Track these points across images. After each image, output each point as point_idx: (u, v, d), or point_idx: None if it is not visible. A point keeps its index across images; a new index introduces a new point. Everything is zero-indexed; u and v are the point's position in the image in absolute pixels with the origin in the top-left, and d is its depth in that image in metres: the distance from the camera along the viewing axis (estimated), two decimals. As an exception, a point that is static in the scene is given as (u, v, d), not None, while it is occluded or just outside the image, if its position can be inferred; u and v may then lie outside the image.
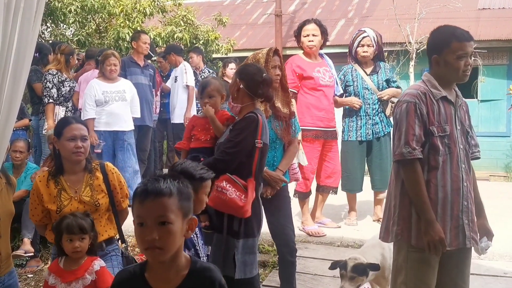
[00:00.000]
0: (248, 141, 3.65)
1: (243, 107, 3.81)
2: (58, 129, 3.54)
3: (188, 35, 11.76)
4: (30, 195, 3.54)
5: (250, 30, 15.59)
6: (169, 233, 1.94)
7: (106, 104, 6.77)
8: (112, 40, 11.27)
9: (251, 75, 3.79)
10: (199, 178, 3.21)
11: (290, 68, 5.91)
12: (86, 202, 3.48)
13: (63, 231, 3.22)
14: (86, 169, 3.56)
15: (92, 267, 3.26)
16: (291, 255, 4.37)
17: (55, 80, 6.97)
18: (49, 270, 3.30)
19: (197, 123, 4.07)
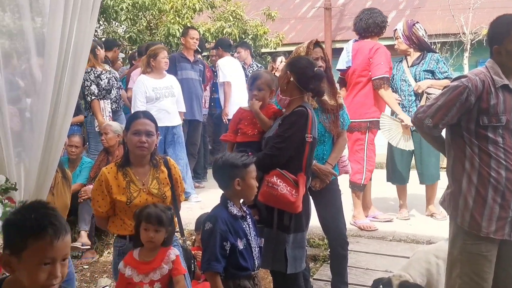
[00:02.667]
0: (298, 136, 3.62)
1: (292, 100, 3.77)
2: (127, 122, 3.65)
3: (237, 30, 11.80)
4: (96, 186, 3.59)
5: (299, 24, 15.52)
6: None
7: (157, 100, 6.83)
8: (163, 36, 11.43)
9: (302, 68, 3.74)
10: (242, 165, 3.25)
11: (387, 56, 5.93)
12: (154, 194, 3.55)
13: (142, 219, 3.29)
14: (151, 163, 3.62)
15: (168, 256, 3.33)
16: (343, 248, 4.34)
17: (91, 76, 7.03)
18: (124, 263, 3.35)
19: (243, 116, 4.03)
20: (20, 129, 3.02)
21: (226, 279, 3.19)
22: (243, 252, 3.21)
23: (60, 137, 2.95)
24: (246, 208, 3.43)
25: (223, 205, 3.30)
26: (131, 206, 3.50)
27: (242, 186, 3.26)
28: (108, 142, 6.11)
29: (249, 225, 3.34)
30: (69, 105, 2.94)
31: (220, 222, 3.17)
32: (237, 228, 3.23)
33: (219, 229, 3.15)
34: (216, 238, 3.13)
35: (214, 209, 3.33)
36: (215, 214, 3.25)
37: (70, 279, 3.67)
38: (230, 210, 3.26)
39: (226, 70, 8.26)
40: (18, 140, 2.98)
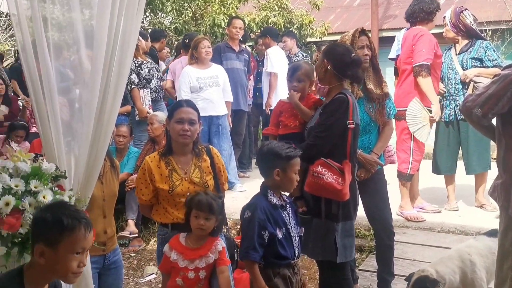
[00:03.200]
0: (340, 123, 3.59)
1: (331, 88, 3.73)
2: (170, 111, 3.70)
3: (282, 20, 11.74)
4: (139, 175, 3.67)
5: (345, 13, 15.32)
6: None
7: (201, 90, 6.86)
8: (208, 26, 11.49)
9: (339, 55, 3.71)
10: (286, 156, 3.24)
11: (430, 43, 5.76)
12: (196, 183, 3.59)
13: (193, 207, 3.33)
14: (194, 151, 3.66)
15: (215, 247, 3.36)
16: (389, 239, 4.29)
17: (132, 66, 7.11)
18: (170, 246, 3.42)
19: (284, 109, 4.00)
20: (69, 119, 3.08)
21: (265, 268, 3.21)
22: (282, 241, 3.22)
23: (108, 126, 2.98)
24: (287, 197, 3.43)
25: (262, 194, 3.31)
26: (173, 194, 3.56)
27: (282, 177, 3.26)
28: (154, 132, 6.19)
29: (289, 214, 3.33)
30: (117, 95, 2.98)
31: (259, 211, 3.18)
32: (276, 217, 3.24)
33: (258, 218, 3.16)
34: (254, 227, 3.15)
35: (254, 198, 3.34)
36: (254, 203, 3.26)
37: (118, 266, 3.74)
38: (270, 199, 3.27)
39: (274, 60, 8.21)
40: (68, 129, 3.04)
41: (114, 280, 3.71)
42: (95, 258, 3.38)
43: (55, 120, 2.94)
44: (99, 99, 2.92)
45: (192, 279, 3.32)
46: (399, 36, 6.21)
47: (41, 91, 2.94)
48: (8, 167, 2.74)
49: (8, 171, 2.74)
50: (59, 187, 2.86)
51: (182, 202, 3.55)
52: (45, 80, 2.92)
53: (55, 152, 2.97)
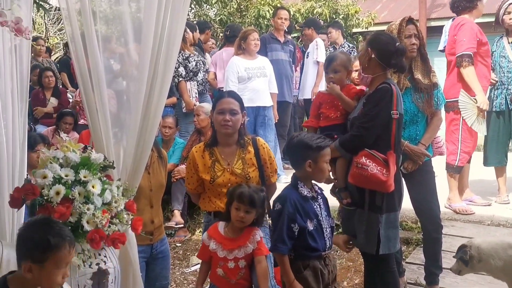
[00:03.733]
0: (384, 113, 3.51)
1: (374, 77, 3.65)
2: (214, 102, 3.75)
3: (328, 10, 11.65)
4: (187, 164, 3.77)
5: (392, 2, 15.04)
6: None
7: (248, 80, 6.84)
8: (253, 18, 11.50)
9: (383, 44, 3.63)
10: (316, 147, 3.20)
11: (472, 31, 5.59)
12: (237, 174, 3.62)
13: (234, 198, 3.35)
14: (238, 142, 3.69)
15: (254, 237, 3.38)
16: (437, 232, 4.20)
17: (179, 59, 7.14)
18: (208, 235, 3.46)
19: (324, 100, 3.93)
20: (117, 110, 3.13)
21: (295, 259, 3.19)
22: (313, 233, 3.19)
23: (155, 117, 3.02)
24: (318, 188, 3.40)
25: (293, 185, 3.28)
26: (214, 184, 3.62)
27: (314, 168, 3.22)
28: (200, 123, 6.24)
29: (320, 205, 3.30)
30: (164, 87, 3.01)
31: (289, 203, 3.15)
32: (307, 209, 3.20)
33: (287, 211, 3.14)
34: (284, 220, 3.13)
35: (285, 190, 3.31)
36: (284, 195, 3.23)
37: (165, 256, 3.81)
38: (301, 191, 3.23)
39: (323, 49, 8.15)
40: (116, 121, 3.09)
41: (161, 270, 3.78)
42: (142, 247, 3.44)
43: (103, 111, 3.00)
44: (146, 90, 2.96)
45: (232, 268, 3.35)
46: (446, 27, 6.06)
47: (90, 83, 3.00)
48: (59, 157, 2.81)
49: (59, 161, 2.80)
50: (107, 177, 2.92)
51: (223, 192, 3.59)
52: (94, 72, 2.98)
53: (104, 143, 3.04)
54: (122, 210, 2.91)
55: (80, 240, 2.73)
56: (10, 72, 3.24)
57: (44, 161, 2.81)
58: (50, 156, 2.78)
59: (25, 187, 2.68)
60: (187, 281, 5.34)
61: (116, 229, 2.83)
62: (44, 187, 2.68)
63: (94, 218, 2.72)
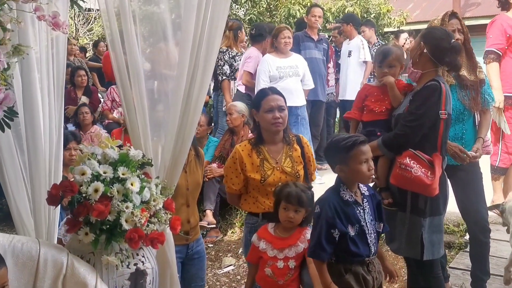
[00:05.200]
0: (431, 113, 3.35)
1: (424, 73, 3.49)
2: (256, 101, 3.60)
3: (359, 9, 11.47)
4: (229, 164, 3.59)
5: (424, 1, 14.83)
6: None
7: (280, 79, 6.68)
8: (283, 17, 11.38)
9: (437, 39, 3.45)
10: (343, 148, 2.98)
11: (500, 27, 5.40)
12: (288, 172, 3.50)
13: (282, 199, 3.24)
14: (284, 140, 3.57)
15: (304, 236, 3.26)
16: (484, 235, 4.01)
17: (226, 57, 7.09)
18: (258, 235, 3.35)
19: (370, 93, 3.77)
20: (155, 107, 3.05)
21: (337, 263, 3.02)
22: (354, 238, 2.98)
23: (195, 115, 2.93)
24: (368, 189, 3.19)
25: (335, 188, 3.09)
26: (265, 184, 3.48)
27: (346, 172, 3.01)
28: (232, 122, 6.14)
29: (364, 209, 3.08)
30: (203, 84, 2.91)
31: (328, 207, 2.96)
32: (348, 214, 3.00)
33: (326, 216, 2.95)
34: (322, 224, 2.95)
35: (327, 192, 3.13)
36: (325, 198, 3.05)
37: (201, 256, 3.71)
38: (342, 194, 3.03)
39: (368, 49, 7.97)
40: (154, 118, 3.01)
41: (197, 270, 3.69)
42: (178, 247, 3.35)
43: (141, 108, 2.92)
44: (186, 88, 2.88)
45: (282, 268, 3.23)
46: None
47: (128, 80, 2.92)
48: (97, 153, 2.72)
49: (97, 157, 2.72)
50: (145, 175, 2.83)
51: (273, 192, 3.46)
52: (132, 69, 2.90)
53: (141, 140, 2.95)
54: (161, 209, 2.81)
55: (119, 239, 2.64)
56: (46, 69, 3.18)
57: (82, 158, 2.73)
58: (89, 152, 2.70)
59: (63, 183, 2.60)
60: (219, 282, 5.26)
61: (154, 229, 2.74)
62: (82, 184, 2.60)
63: (133, 216, 2.63)
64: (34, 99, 2.87)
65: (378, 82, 3.78)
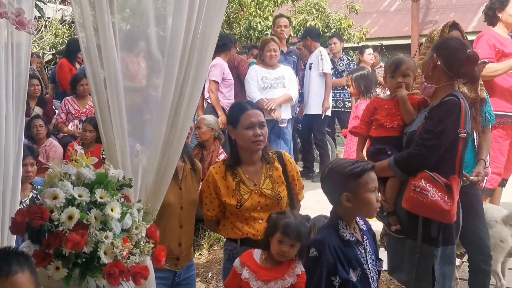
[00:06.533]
0: (450, 131, 3.10)
1: (439, 88, 3.23)
2: (233, 116, 3.22)
3: (321, 23, 11.36)
4: (203, 187, 3.25)
5: (381, 18, 14.92)
6: None
7: (264, 90, 6.47)
8: (243, 29, 11.14)
9: (452, 50, 3.20)
10: (351, 175, 2.61)
11: (487, 42, 5.23)
12: (267, 195, 3.15)
13: (278, 229, 2.86)
14: (263, 159, 3.22)
15: (293, 270, 2.90)
16: (486, 263, 3.77)
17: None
18: (242, 261, 2.98)
19: (380, 105, 3.50)
20: (136, 119, 2.69)
21: None
22: (356, 285, 2.62)
23: (183, 130, 2.57)
24: (364, 222, 2.84)
25: (333, 226, 2.70)
26: (242, 209, 3.14)
27: (354, 202, 2.62)
28: (201, 136, 5.77)
29: (366, 249, 2.74)
30: (193, 95, 2.56)
31: (328, 251, 2.57)
32: (349, 257, 2.63)
33: (326, 261, 2.56)
34: (322, 272, 2.56)
35: (323, 231, 2.75)
36: (322, 240, 2.65)
37: (190, 284, 3.36)
38: (342, 233, 2.65)
39: (328, 60, 7.76)
40: (134, 130, 2.66)
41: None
42: (164, 273, 2.97)
43: (119, 121, 2.55)
44: (174, 99, 2.53)
45: None
46: None
47: (104, 88, 2.56)
48: (70, 173, 2.33)
49: (71, 178, 2.33)
50: (125, 198, 2.45)
51: (252, 217, 3.14)
52: (109, 75, 2.53)
53: (119, 157, 2.58)
54: (143, 237, 2.44)
55: (96, 274, 2.25)
56: (5, 73, 2.80)
57: (52, 178, 2.33)
58: (61, 172, 2.30)
59: (31, 209, 2.19)
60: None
61: (136, 261, 2.36)
62: (53, 210, 2.21)
63: (113, 248, 2.25)
64: None
65: (389, 95, 3.50)
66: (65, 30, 13.56)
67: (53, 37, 13.53)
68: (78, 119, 6.91)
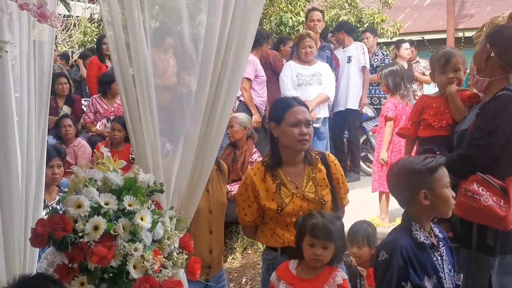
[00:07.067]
0: (504, 129, 2.83)
1: (492, 82, 2.96)
2: (277, 112, 2.98)
3: (354, 18, 11.06)
4: (241, 190, 3.02)
5: (415, 12, 14.53)
6: None
7: (299, 87, 6.27)
8: (274, 25, 10.91)
9: (507, 39, 2.92)
10: (426, 170, 2.41)
11: None
12: (310, 199, 2.91)
13: (306, 232, 2.66)
14: (306, 159, 2.98)
15: (334, 279, 2.68)
16: None
17: None
18: (277, 275, 2.78)
19: (428, 104, 3.26)
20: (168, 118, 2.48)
21: None
22: None
23: (219, 130, 2.37)
24: (440, 230, 2.59)
25: (405, 228, 2.47)
26: (283, 214, 2.91)
27: (432, 199, 2.41)
28: (234, 135, 5.53)
29: (442, 256, 2.49)
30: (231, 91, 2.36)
31: (399, 254, 2.36)
32: (424, 262, 2.39)
33: (397, 265, 2.34)
34: (392, 277, 2.34)
35: (393, 233, 2.54)
36: (393, 241, 2.44)
37: None
38: (415, 236, 2.42)
39: (367, 55, 7.51)
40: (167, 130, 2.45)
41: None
42: (193, 284, 2.74)
43: (151, 122, 2.34)
44: (210, 96, 2.33)
45: None
46: None
47: (132, 83, 2.35)
48: (96, 178, 2.11)
49: (96, 183, 2.11)
50: (156, 205, 2.23)
51: (293, 222, 2.89)
52: (139, 71, 2.33)
53: (149, 161, 2.36)
54: (175, 248, 2.22)
55: (122, 290, 2.04)
56: (27, 71, 2.61)
57: (76, 183, 2.12)
58: (87, 178, 2.09)
59: (52, 219, 1.99)
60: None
61: (169, 275, 2.14)
62: (78, 220, 2.00)
63: (144, 261, 2.04)
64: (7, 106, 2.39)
65: (438, 92, 3.24)
66: (94, 28, 13.49)
67: (82, 36, 13.46)
68: (106, 118, 6.75)
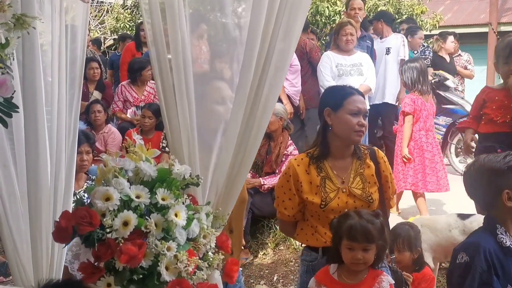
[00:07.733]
0: None
1: None
2: (335, 99, 2.75)
3: (393, 9, 10.75)
4: (281, 182, 2.80)
5: (455, 4, 14.09)
6: None
7: (339, 78, 5.99)
8: (310, 15, 10.66)
9: None
10: (508, 168, 2.20)
11: None
12: (357, 196, 2.68)
13: (343, 235, 2.44)
14: (355, 153, 2.75)
15: (379, 284, 2.46)
16: None
17: None
18: (317, 280, 2.57)
19: (490, 97, 3.07)
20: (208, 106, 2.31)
21: None
22: None
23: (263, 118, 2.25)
24: None
25: (489, 230, 2.25)
26: (327, 210, 2.66)
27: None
28: (269, 126, 5.30)
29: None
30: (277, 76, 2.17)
31: (482, 256, 2.13)
32: (508, 269, 2.17)
33: (480, 268, 2.11)
34: (473, 280, 2.12)
35: (475, 234, 2.32)
36: (476, 242, 2.22)
37: None
38: (500, 239, 2.19)
39: (407, 48, 7.20)
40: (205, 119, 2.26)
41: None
42: None
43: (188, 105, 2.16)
44: (254, 82, 2.15)
45: None
46: None
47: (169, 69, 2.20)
48: (127, 168, 1.92)
49: (127, 174, 1.92)
50: (191, 200, 2.03)
51: (329, 225, 2.65)
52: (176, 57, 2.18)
53: (184, 151, 2.19)
54: (211, 248, 2.02)
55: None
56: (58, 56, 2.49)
57: (105, 173, 1.93)
58: (116, 167, 1.89)
59: (78, 212, 1.79)
60: (251, 316, 4.46)
61: (204, 277, 1.94)
62: (105, 214, 1.81)
63: (177, 262, 1.84)
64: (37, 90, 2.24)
65: (502, 84, 2.98)
66: (127, 14, 13.39)
67: (115, 22, 13.37)
68: (135, 106, 6.58)
